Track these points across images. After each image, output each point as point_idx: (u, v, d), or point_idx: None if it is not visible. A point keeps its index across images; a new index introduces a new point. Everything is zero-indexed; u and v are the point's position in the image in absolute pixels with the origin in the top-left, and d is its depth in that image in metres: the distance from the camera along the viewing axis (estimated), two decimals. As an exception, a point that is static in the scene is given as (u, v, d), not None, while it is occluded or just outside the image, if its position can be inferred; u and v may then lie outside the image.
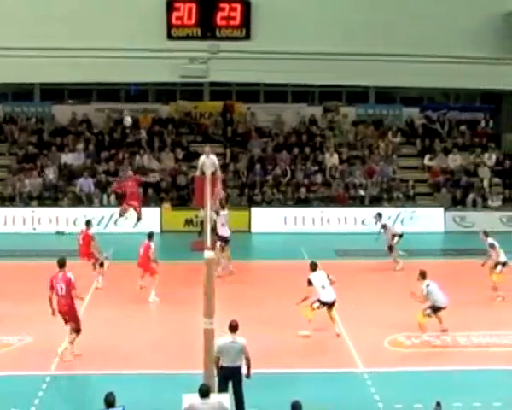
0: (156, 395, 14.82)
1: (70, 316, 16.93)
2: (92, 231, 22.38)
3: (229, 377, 13.85)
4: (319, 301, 18.36)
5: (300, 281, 21.75)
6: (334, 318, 18.69)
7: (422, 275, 18.49)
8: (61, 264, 17.10)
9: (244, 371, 13.96)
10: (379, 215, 25.30)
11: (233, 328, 13.96)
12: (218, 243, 22.65)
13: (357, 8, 24.27)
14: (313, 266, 18.65)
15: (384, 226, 24.72)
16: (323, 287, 18.31)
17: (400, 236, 24.52)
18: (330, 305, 18.51)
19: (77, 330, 16.99)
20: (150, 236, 21.77)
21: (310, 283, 18.39)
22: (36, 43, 25.01)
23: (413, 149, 35.16)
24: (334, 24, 24.01)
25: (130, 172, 27.41)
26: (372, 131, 35.24)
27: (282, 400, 12.69)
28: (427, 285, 18.30)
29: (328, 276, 18.44)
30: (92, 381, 15.52)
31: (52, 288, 16.89)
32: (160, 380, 15.81)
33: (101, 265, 22.17)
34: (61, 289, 16.81)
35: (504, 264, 21.55)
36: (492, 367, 16.77)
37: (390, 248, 24.38)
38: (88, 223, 22.84)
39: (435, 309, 18.35)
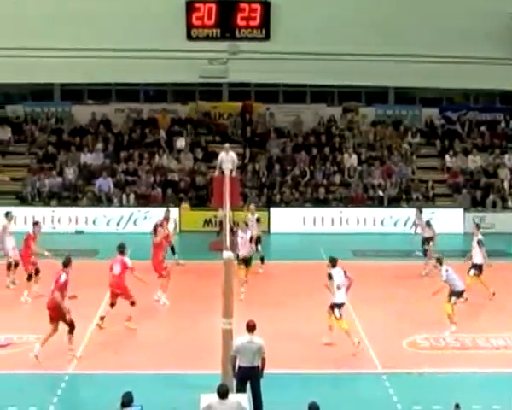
0: (174, 395, 14.83)
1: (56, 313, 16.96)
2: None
3: (247, 378, 13.84)
4: (335, 304, 17.82)
5: (318, 281, 21.75)
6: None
7: (439, 261, 18.63)
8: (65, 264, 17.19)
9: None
10: (420, 211, 24.95)
11: (250, 328, 13.93)
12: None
13: (378, 9, 24.20)
14: (333, 262, 18.21)
15: (428, 223, 24.22)
16: (338, 288, 17.91)
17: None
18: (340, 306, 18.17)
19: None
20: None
21: (330, 277, 17.95)
22: (55, 43, 25.13)
23: (432, 149, 35.03)
24: (354, 24, 23.95)
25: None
26: (391, 131, 35.14)
27: (299, 401, 12.66)
28: (446, 270, 18.47)
29: (345, 273, 18.06)
30: (110, 380, 15.55)
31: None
32: (179, 380, 15.84)
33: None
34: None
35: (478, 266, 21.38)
36: (512, 369, 16.70)
37: (425, 253, 23.89)
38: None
39: (458, 294, 18.43)
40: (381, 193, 32.16)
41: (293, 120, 35.34)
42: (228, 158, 27.43)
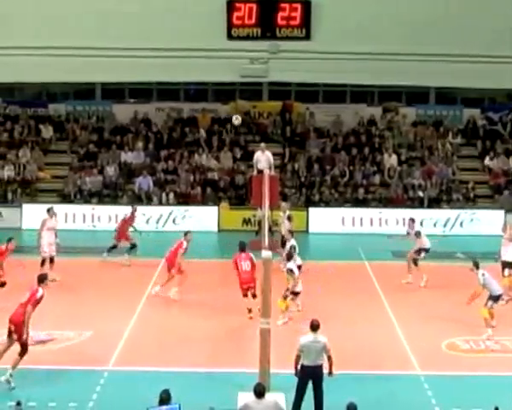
0: (212, 394, 14.86)
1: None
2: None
3: (310, 377, 13.80)
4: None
5: (357, 281, 21.68)
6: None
7: (476, 265, 18.43)
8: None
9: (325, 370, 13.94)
10: (412, 221, 24.16)
11: (314, 327, 13.89)
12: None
13: (420, 9, 24.05)
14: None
15: (418, 234, 23.12)
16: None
17: (427, 251, 22.95)
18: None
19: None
20: (186, 234, 21.70)
21: (291, 271, 19.08)
22: (98, 42, 25.38)
23: (473, 150, 34.70)
24: (395, 24, 23.86)
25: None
26: (432, 131, 34.85)
27: (338, 401, 12.64)
28: (483, 274, 18.25)
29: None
30: (149, 377, 15.64)
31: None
32: (216, 379, 15.86)
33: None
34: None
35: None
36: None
37: (415, 262, 22.85)
38: None
39: (495, 299, 18.27)
40: (420, 194, 31.94)
41: (333, 119, 35.23)
42: (264, 157, 27.44)
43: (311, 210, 30.78)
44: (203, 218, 30.19)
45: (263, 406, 11.94)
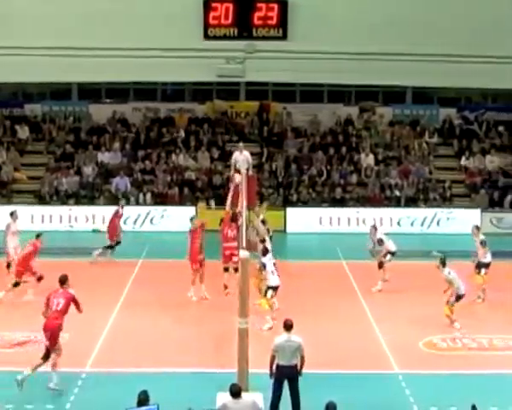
0: (190, 394, 14.82)
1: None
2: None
3: (286, 376, 13.85)
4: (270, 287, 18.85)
5: (335, 281, 21.74)
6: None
7: (443, 262, 18.57)
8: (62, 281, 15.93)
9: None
10: (374, 228, 23.65)
11: (288, 327, 13.95)
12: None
13: (396, 9, 24.13)
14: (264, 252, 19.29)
15: (380, 241, 22.73)
16: (272, 273, 18.94)
17: (393, 254, 22.68)
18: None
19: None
20: (37, 236, 21.57)
21: (264, 266, 19.02)
22: (74, 42, 25.21)
23: (450, 149, 34.90)
24: (372, 24, 23.92)
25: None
26: (408, 131, 35.03)
27: (317, 401, 12.65)
28: (449, 272, 18.42)
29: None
30: (127, 378, 15.59)
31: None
32: (195, 379, 15.84)
33: None
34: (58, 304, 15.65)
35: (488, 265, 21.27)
36: (530, 371, 16.61)
37: (380, 265, 22.53)
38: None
39: (458, 297, 18.45)
40: (398, 193, 32.08)
41: (311, 119, 35.32)
42: (242, 157, 27.43)
43: (289, 210, 30.83)
44: (181, 218, 30.09)
45: (241, 405, 11.95)
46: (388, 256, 22.49)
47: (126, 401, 11.90)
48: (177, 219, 29.97)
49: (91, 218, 30.16)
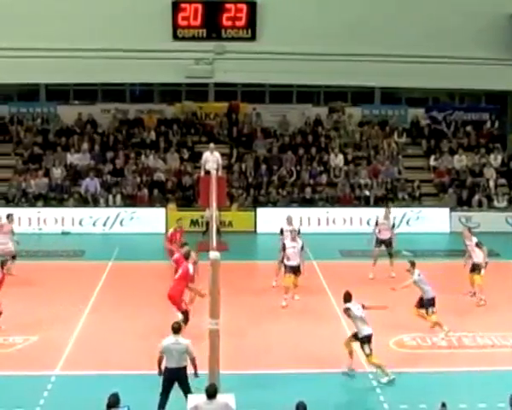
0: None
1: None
2: None
3: (175, 378, 14.03)
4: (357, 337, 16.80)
5: (305, 280, 21.78)
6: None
7: (413, 265, 18.65)
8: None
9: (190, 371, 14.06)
10: (298, 233, 22.90)
11: (175, 329, 14.14)
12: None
13: (362, 9, 24.30)
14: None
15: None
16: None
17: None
18: None
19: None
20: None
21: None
22: (41, 43, 25.05)
23: (418, 149, 35.13)
24: (339, 25, 24.04)
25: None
26: (377, 131, 35.21)
27: (287, 401, 12.67)
28: (419, 275, 18.50)
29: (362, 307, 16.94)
30: (97, 381, 15.51)
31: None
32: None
33: None
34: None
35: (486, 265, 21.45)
36: (498, 368, 16.74)
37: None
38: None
39: (428, 302, 18.55)
40: (367, 193, 32.22)
41: (280, 120, 35.37)
42: (212, 158, 27.43)
43: (259, 210, 30.82)
44: (150, 219, 30.05)
45: (213, 406, 11.95)
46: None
47: (97, 404, 11.85)
48: (146, 220, 29.90)
49: (60, 220, 29.94)
